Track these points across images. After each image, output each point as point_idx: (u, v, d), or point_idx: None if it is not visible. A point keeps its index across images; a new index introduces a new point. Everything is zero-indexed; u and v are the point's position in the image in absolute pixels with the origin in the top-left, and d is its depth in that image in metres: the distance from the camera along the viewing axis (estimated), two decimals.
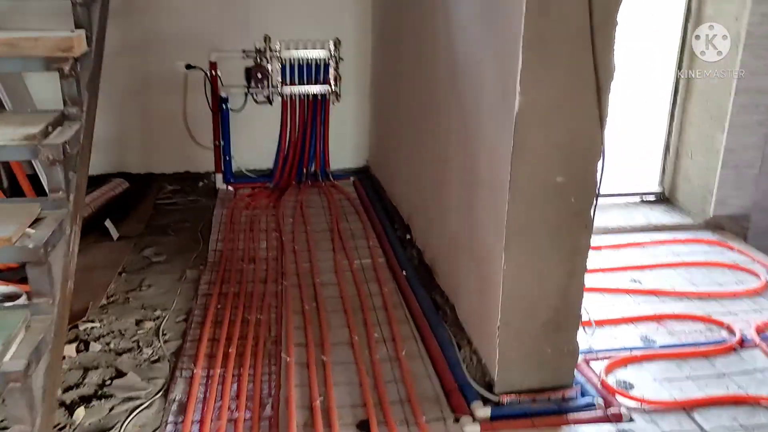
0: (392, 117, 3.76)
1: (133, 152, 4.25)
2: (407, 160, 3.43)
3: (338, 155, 4.49)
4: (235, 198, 4.13)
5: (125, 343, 2.53)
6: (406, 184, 3.49)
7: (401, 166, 3.57)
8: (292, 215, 3.82)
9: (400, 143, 3.58)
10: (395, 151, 3.72)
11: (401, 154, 3.55)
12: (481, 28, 2.26)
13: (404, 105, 3.44)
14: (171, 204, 4.02)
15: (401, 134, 3.54)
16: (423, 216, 3.15)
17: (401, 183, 3.60)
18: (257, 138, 4.36)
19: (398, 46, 3.50)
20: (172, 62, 4.06)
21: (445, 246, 2.79)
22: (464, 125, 2.47)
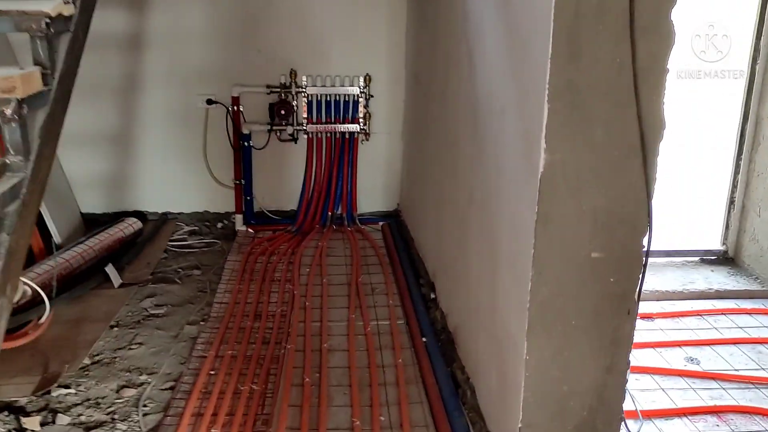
0: (421, 161, 3.45)
1: (150, 189, 4.05)
2: (433, 210, 3.09)
3: (367, 198, 4.19)
4: (254, 241, 3.87)
5: (99, 415, 2.25)
6: (432, 236, 3.15)
7: (428, 215, 3.24)
8: (310, 263, 3.52)
9: (426, 191, 3.25)
10: (423, 198, 3.39)
11: (428, 202, 3.22)
12: (504, 71, 1.93)
13: (431, 150, 3.12)
14: (184, 247, 3.78)
15: (428, 181, 3.21)
16: (448, 275, 2.80)
17: (428, 233, 3.26)
18: (280, 178, 4.11)
19: (429, 85, 3.19)
20: (192, 96, 3.87)
21: (468, 315, 2.43)
22: (485, 183, 2.13)
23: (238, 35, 3.81)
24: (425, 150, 3.29)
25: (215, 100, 3.88)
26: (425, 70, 3.31)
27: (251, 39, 3.82)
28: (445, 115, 2.75)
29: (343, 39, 3.88)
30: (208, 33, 3.80)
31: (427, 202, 3.27)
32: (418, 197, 3.55)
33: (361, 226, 4.08)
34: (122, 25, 3.72)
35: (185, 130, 3.94)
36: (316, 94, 3.91)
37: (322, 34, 3.86)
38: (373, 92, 3.97)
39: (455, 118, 2.56)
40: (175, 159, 3.99)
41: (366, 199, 4.19)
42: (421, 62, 3.45)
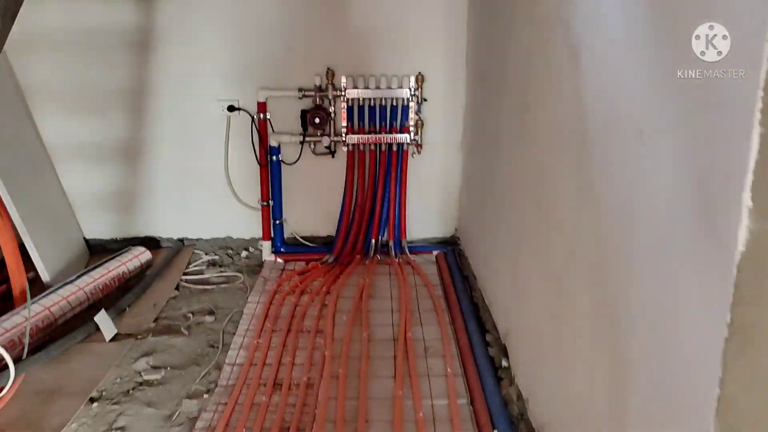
0: (489, 180, 2.73)
1: (164, 212, 3.45)
2: (507, 248, 2.37)
3: (418, 222, 3.49)
4: (282, 275, 3.22)
5: None
6: (504, 281, 2.43)
7: (498, 252, 2.52)
8: (348, 308, 2.85)
9: (496, 220, 2.53)
10: (490, 228, 2.68)
11: (498, 235, 2.50)
12: (647, 73, 1.19)
13: (503, 170, 2.40)
14: (200, 282, 3.16)
15: (498, 208, 2.49)
16: (529, 344, 2.08)
17: (498, 276, 2.54)
18: (315, 198, 3.45)
19: (499, 88, 2.47)
20: (212, 103, 3.24)
21: (566, 415, 1.70)
22: (602, 237, 1.40)
23: (265, 29, 3.16)
24: (494, 167, 2.57)
25: (238, 107, 3.25)
26: (494, 69, 2.59)
27: (280, 34, 3.17)
28: (527, 129, 2.03)
29: (389, 31, 3.19)
30: (229, 27, 3.16)
31: (496, 234, 2.55)
32: (484, 226, 2.83)
33: (411, 257, 3.38)
34: (130, 19, 3.12)
35: (204, 142, 3.32)
36: (357, 99, 3.22)
37: (364, 26, 3.18)
38: (427, 95, 3.26)
39: (544, 135, 1.84)
40: (192, 176, 3.38)
41: (417, 223, 3.49)
42: (488, 58, 2.73)
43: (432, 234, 3.53)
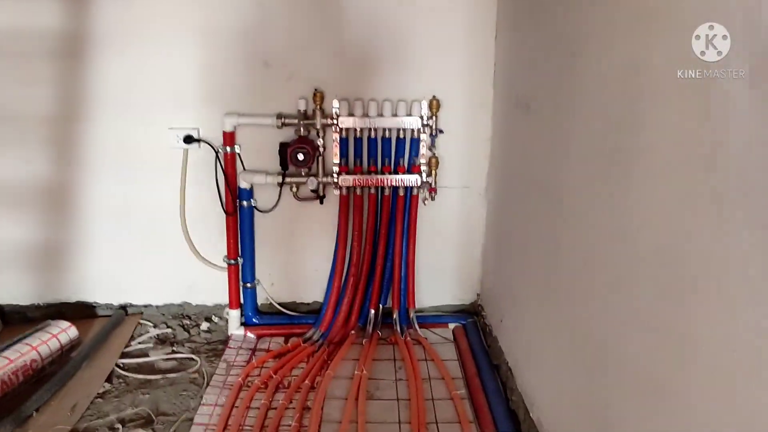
0: (529, 236, 1.98)
1: (101, 270, 2.66)
2: (562, 338, 1.62)
3: (430, 285, 2.73)
4: (253, 358, 2.44)
5: None
6: (566, 394, 1.67)
7: (545, 340, 1.76)
8: (339, 417, 2.07)
9: (544, 291, 1.78)
10: (534, 303, 1.92)
11: (548, 315, 1.75)
12: None
13: (568, 238, 1.65)
14: (142, 368, 2.38)
15: (546, 275, 1.74)
16: None
17: (551, 380, 1.78)
18: (298, 255, 2.69)
19: (560, 121, 1.72)
20: (163, 131, 2.49)
21: None
22: None
23: (235, 38, 2.42)
24: (539, 221, 1.83)
25: (198, 138, 2.50)
26: (546, 94, 1.85)
27: (255, 44, 2.43)
28: (618, 184, 1.28)
29: (395, 43, 2.45)
30: (188, 34, 2.41)
31: (543, 311, 1.79)
32: (524, 300, 2.07)
33: (421, 333, 2.61)
34: (56, 22, 2.37)
35: (153, 182, 2.55)
36: (353, 129, 2.48)
37: (363, 37, 2.45)
38: (443, 125, 2.52)
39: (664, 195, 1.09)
40: (138, 225, 2.61)
41: (429, 287, 2.73)
42: (534, 78, 1.99)
43: (447, 300, 2.77)
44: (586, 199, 1.51)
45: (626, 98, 1.27)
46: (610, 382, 1.35)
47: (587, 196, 1.50)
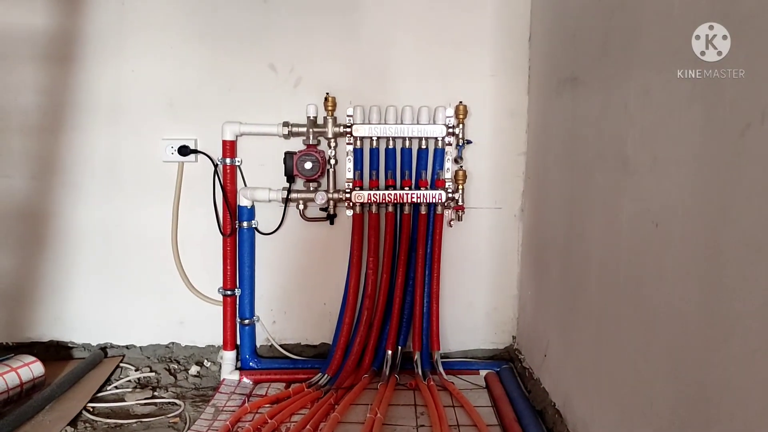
0: (581, 257, 1.61)
1: (80, 305, 2.33)
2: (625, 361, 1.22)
3: (458, 325, 2.34)
4: (246, 402, 2.04)
5: None
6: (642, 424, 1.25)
7: (602, 368, 1.36)
8: None
9: (600, 316, 1.39)
10: (587, 330, 1.53)
11: (603, 342, 1.35)
12: None
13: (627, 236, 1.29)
14: (115, 413, 1.99)
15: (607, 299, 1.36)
16: None
17: (605, 405, 1.36)
18: (305, 286, 2.33)
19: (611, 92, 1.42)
20: (155, 141, 2.23)
21: None
22: None
23: (236, 37, 2.21)
24: (592, 231, 1.47)
25: (194, 149, 2.23)
26: (592, 62, 1.55)
27: (259, 44, 2.21)
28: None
29: (417, 43, 2.21)
30: (183, 33, 2.21)
31: (600, 336, 1.40)
32: (570, 324, 1.67)
33: (447, 380, 2.19)
34: (39, 22, 2.18)
35: (142, 200, 2.27)
36: (369, 138, 2.20)
37: (380, 37, 2.21)
38: (471, 135, 2.23)
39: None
40: (123, 250, 2.30)
41: (457, 327, 2.34)
42: (577, 53, 1.70)
43: (478, 345, 2.36)
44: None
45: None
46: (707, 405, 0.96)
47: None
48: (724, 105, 0.95)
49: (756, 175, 0.87)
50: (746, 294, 0.89)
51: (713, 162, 0.98)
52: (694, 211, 1.04)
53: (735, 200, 0.92)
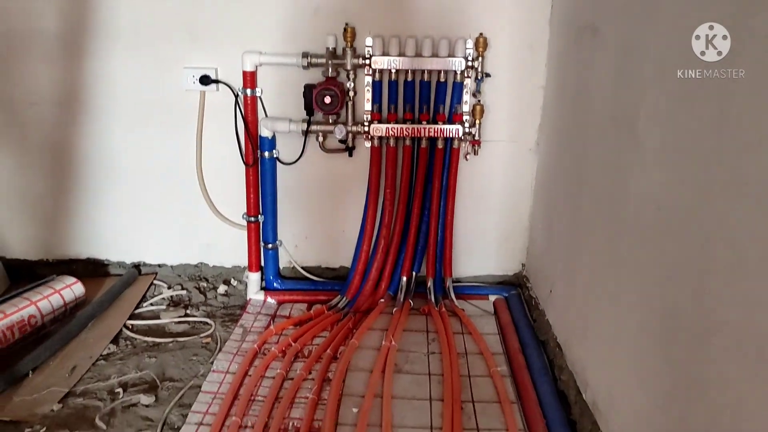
0: (591, 196, 1.68)
1: (115, 226, 2.46)
2: (625, 307, 1.32)
3: (470, 252, 2.45)
4: (272, 325, 2.21)
5: None
6: (621, 372, 1.37)
7: (604, 311, 1.47)
8: (362, 391, 1.82)
9: (606, 258, 1.48)
10: (590, 270, 1.62)
11: (607, 285, 1.45)
12: None
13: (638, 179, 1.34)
14: (152, 331, 2.17)
15: (613, 240, 1.44)
16: None
17: (610, 356, 1.49)
18: (325, 214, 2.44)
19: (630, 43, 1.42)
20: (177, 71, 2.26)
21: None
22: None
23: None
24: (603, 170, 1.52)
25: (215, 79, 2.26)
26: (615, 9, 1.54)
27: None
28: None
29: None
30: None
31: (603, 279, 1.50)
32: (576, 262, 1.77)
33: (458, 305, 2.33)
34: None
35: (167, 128, 2.33)
36: (388, 70, 2.20)
37: None
38: (490, 68, 2.23)
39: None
40: (152, 178, 2.39)
41: (469, 254, 2.45)
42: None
43: (489, 270, 2.48)
44: (670, 139, 1.21)
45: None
46: (695, 356, 1.06)
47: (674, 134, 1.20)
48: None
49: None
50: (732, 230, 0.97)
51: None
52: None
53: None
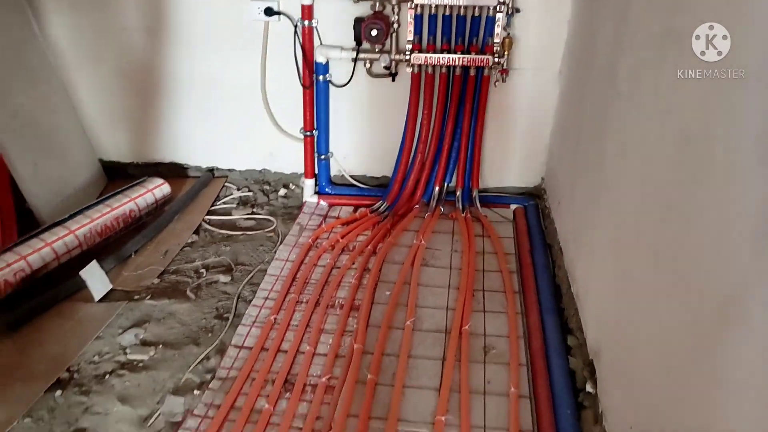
0: (599, 128, 2.00)
1: (193, 134, 2.91)
2: (609, 223, 1.69)
3: (496, 167, 2.81)
4: (323, 224, 2.65)
5: None
6: (600, 268, 1.76)
7: (596, 225, 1.83)
8: (394, 279, 2.26)
9: (599, 181, 1.83)
10: (588, 189, 1.97)
11: (598, 203, 1.81)
12: None
13: (613, 118, 1.67)
14: (225, 225, 2.64)
15: (605, 167, 1.78)
16: (631, 371, 1.43)
17: (591, 258, 1.87)
18: (370, 130, 2.81)
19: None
20: (245, 3, 2.60)
21: None
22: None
23: None
24: (598, 106, 1.84)
25: (277, 10, 2.60)
26: None
27: None
28: None
29: None
30: None
31: (596, 201, 1.85)
32: (580, 183, 2.12)
33: (482, 212, 2.72)
34: None
35: (237, 53, 2.70)
36: (428, 5, 2.49)
37: None
38: (521, 3, 2.49)
39: None
40: (224, 94, 2.80)
41: (494, 168, 2.81)
42: None
43: (512, 183, 2.84)
44: (640, 86, 1.53)
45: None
46: (635, 263, 1.43)
47: (642, 82, 1.51)
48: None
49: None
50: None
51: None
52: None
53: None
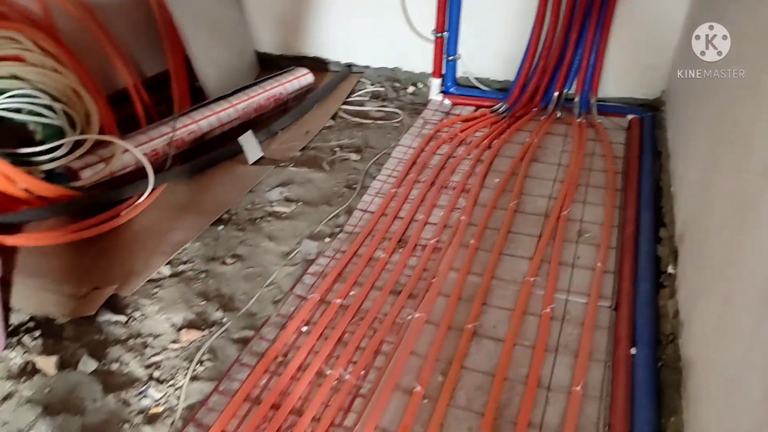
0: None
1: (334, 33, 3.22)
2: (705, 127, 1.81)
3: (617, 76, 2.89)
4: (444, 119, 2.90)
5: (136, 366, 1.66)
6: (693, 164, 1.89)
7: (697, 128, 1.95)
8: (504, 170, 2.49)
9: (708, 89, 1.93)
10: (699, 98, 2.07)
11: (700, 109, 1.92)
12: None
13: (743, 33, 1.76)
14: (358, 114, 2.97)
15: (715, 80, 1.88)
16: (702, 252, 1.61)
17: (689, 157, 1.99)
18: (497, 35, 2.97)
19: None
20: None
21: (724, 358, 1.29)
22: None
23: None
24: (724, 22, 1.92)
25: None
26: None
27: None
28: None
29: None
30: None
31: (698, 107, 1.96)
32: (694, 93, 2.21)
33: (597, 119, 2.85)
34: None
35: None
36: None
37: None
38: None
39: None
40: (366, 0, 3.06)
41: (615, 78, 2.90)
42: None
43: (630, 93, 2.92)
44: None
45: None
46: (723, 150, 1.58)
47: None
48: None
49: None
50: None
51: None
52: None
53: None
